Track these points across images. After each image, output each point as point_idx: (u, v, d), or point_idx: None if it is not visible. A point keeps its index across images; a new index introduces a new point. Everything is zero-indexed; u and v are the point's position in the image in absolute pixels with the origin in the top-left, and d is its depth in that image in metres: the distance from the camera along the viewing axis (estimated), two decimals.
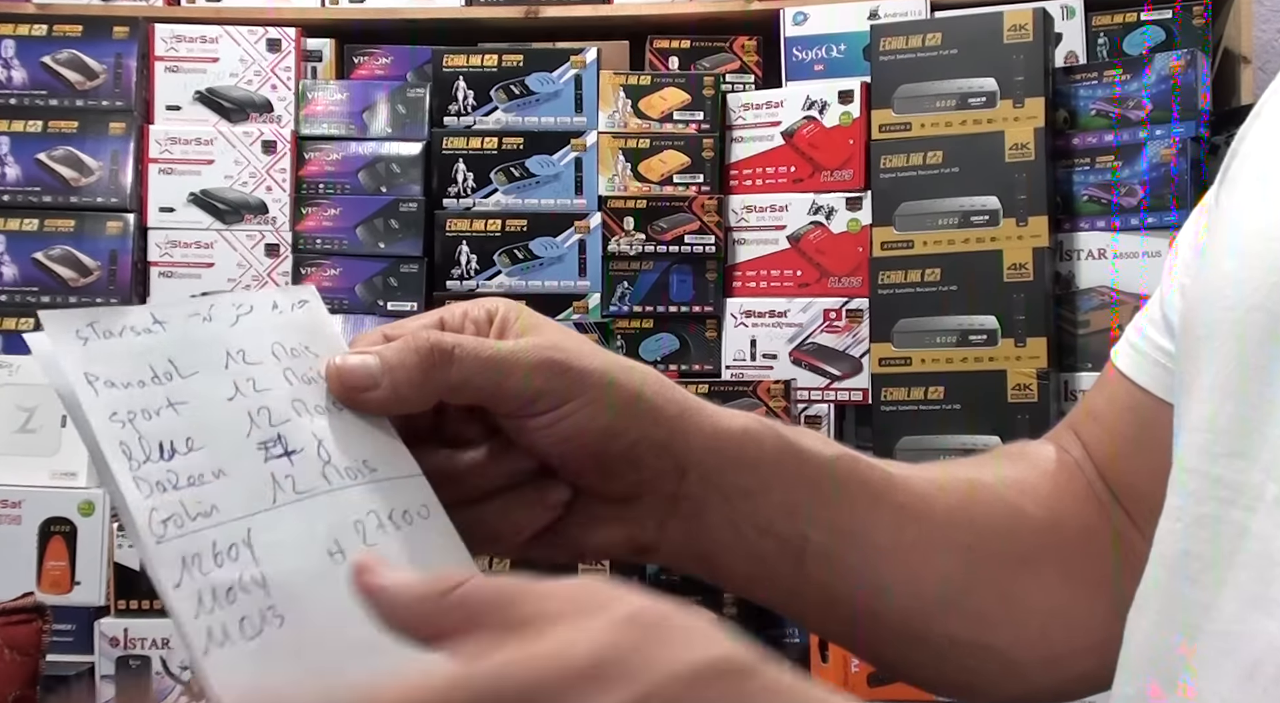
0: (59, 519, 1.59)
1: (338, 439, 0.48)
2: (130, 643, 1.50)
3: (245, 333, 0.50)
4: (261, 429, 0.47)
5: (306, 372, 0.50)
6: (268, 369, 0.50)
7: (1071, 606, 0.60)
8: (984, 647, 0.59)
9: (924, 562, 0.58)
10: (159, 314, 0.49)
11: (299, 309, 0.52)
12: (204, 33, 1.84)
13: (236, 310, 0.51)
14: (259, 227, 1.81)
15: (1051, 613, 0.60)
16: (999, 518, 0.61)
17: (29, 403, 1.63)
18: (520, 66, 1.81)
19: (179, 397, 0.47)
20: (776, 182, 1.76)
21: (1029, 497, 0.62)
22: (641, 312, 1.77)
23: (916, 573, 0.58)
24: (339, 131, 1.84)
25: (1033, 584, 0.60)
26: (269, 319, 0.51)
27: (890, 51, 1.67)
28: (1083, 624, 0.60)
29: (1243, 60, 1.68)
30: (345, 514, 0.47)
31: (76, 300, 1.78)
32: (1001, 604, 0.60)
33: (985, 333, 1.58)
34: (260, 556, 0.45)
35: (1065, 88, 1.64)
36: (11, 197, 1.80)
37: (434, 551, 0.48)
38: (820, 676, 1.51)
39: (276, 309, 0.52)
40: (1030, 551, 0.61)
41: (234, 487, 0.46)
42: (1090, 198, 1.61)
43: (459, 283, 1.79)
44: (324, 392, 0.50)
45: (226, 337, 0.50)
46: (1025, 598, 0.60)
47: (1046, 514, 0.61)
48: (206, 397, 0.47)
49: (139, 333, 0.48)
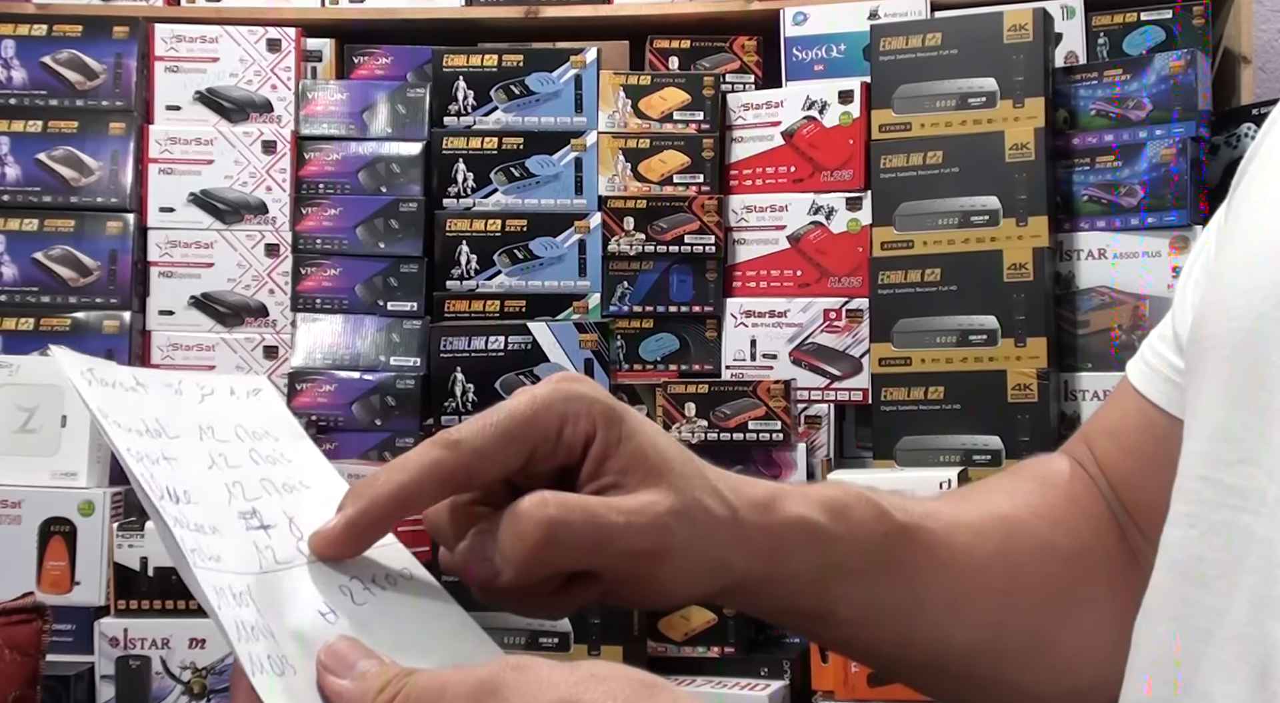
0: (59, 519, 1.59)
1: (306, 517, 0.51)
2: (130, 643, 1.50)
3: (211, 412, 0.54)
4: (239, 501, 0.51)
5: (270, 452, 0.54)
6: (235, 448, 0.53)
7: (1099, 640, 0.61)
8: (1009, 684, 0.61)
9: (958, 614, 0.60)
10: (140, 377, 0.53)
11: (252, 398, 0.56)
12: (204, 33, 1.84)
13: (201, 390, 0.55)
14: (259, 227, 1.81)
15: (1080, 648, 0.61)
16: (1033, 558, 0.62)
17: (29, 403, 1.62)
18: (520, 66, 1.81)
19: (170, 453, 0.50)
20: (776, 181, 1.76)
21: (1060, 530, 0.63)
22: (641, 312, 1.77)
23: (947, 627, 0.59)
24: (339, 131, 1.84)
25: (1064, 622, 0.61)
26: (228, 403, 0.55)
27: (890, 51, 1.67)
28: (1108, 658, 0.59)
29: (1243, 60, 1.68)
30: (330, 580, 0.49)
31: (76, 300, 1.78)
32: (1032, 643, 0.61)
33: (985, 333, 1.58)
34: (263, 610, 0.47)
35: (1065, 88, 1.64)
36: (11, 197, 1.80)
37: (424, 607, 0.51)
38: (820, 676, 1.51)
39: (234, 395, 0.56)
40: (1062, 588, 0.62)
41: (227, 545, 0.48)
42: (1090, 198, 1.61)
43: (459, 283, 1.79)
44: (288, 472, 0.54)
45: (197, 412, 0.53)
46: (1055, 635, 0.61)
47: (1076, 546, 0.62)
48: (191, 461, 0.51)
49: (127, 389, 0.52)
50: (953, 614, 0.59)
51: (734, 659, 1.54)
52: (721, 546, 0.53)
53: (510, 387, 1.72)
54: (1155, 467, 0.59)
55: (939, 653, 0.59)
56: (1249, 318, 0.46)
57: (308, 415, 1.75)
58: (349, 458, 1.74)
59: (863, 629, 0.58)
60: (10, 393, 1.63)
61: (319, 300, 1.81)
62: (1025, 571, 0.61)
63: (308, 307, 1.81)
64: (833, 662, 1.49)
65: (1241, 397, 0.46)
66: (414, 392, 1.76)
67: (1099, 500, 0.63)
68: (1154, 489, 0.58)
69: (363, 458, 1.75)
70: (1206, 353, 0.49)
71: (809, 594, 0.56)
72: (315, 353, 1.80)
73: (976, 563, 0.60)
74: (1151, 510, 0.59)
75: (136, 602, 1.51)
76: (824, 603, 0.57)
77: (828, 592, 0.56)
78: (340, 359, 1.79)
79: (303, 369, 1.79)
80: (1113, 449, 0.63)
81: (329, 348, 1.80)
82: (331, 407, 1.77)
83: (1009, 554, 0.61)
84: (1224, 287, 0.49)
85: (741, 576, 0.54)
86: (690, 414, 1.68)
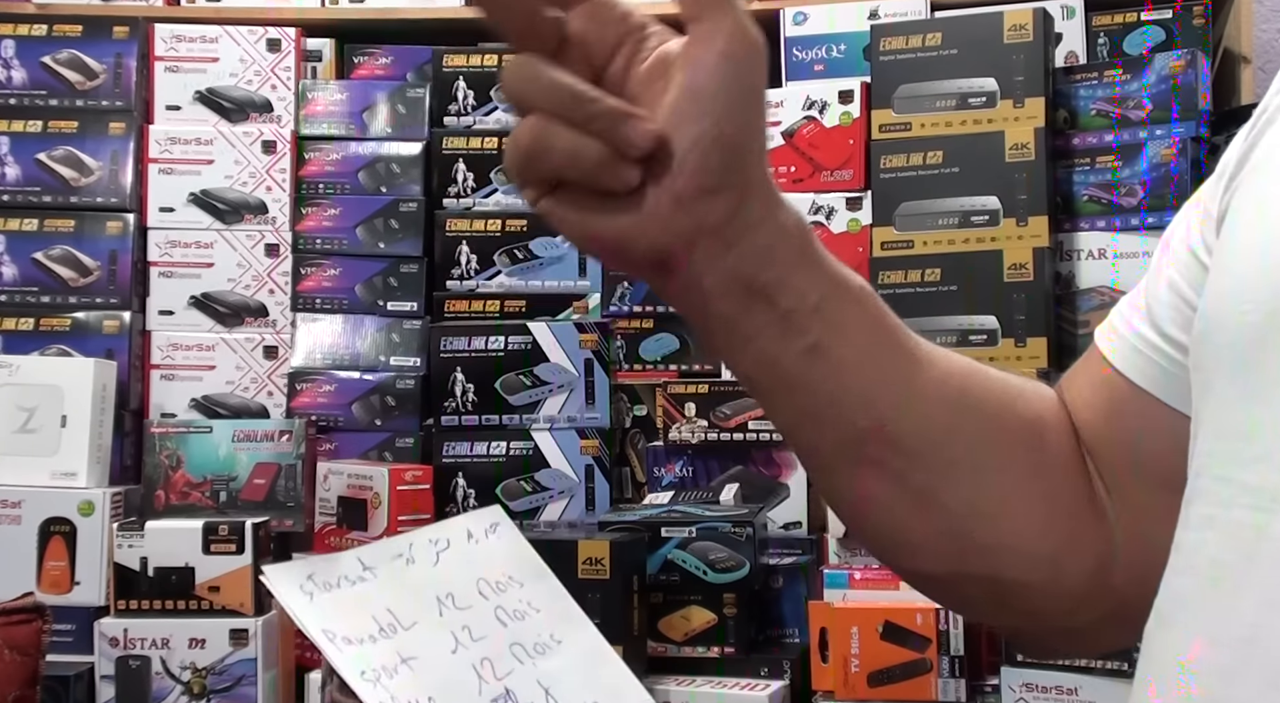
0: (59, 519, 1.59)
1: (565, 684, 0.49)
2: (130, 643, 1.50)
3: (449, 574, 0.52)
4: (490, 684, 0.48)
5: (516, 605, 0.53)
6: (479, 613, 0.52)
7: (1032, 506, 0.61)
8: (937, 503, 0.59)
9: (912, 399, 0.58)
10: (366, 560, 0.51)
11: (492, 535, 0.53)
12: (204, 33, 1.84)
13: (435, 547, 0.52)
14: (259, 227, 1.81)
15: (1011, 502, 0.61)
16: (992, 399, 0.62)
17: (29, 403, 1.63)
18: None
19: (409, 651, 0.48)
20: (776, 181, 1.76)
21: (1022, 401, 0.63)
22: (641, 312, 1.77)
23: (901, 405, 0.58)
24: (339, 131, 1.84)
25: (1003, 467, 0.61)
26: (467, 552, 0.53)
27: (890, 51, 1.67)
28: (1035, 529, 0.61)
29: (1243, 60, 1.68)
30: None
31: (76, 300, 1.78)
32: (968, 469, 0.60)
33: (985, 333, 1.58)
34: None
35: (1065, 88, 1.64)
36: (11, 197, 1.80)
37: None
38: (820, 676, 1.51)
39: (472, 539, 0.53)
40: (1011, 438, 0.61)
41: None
42: (1090, 198, 1.61)
43: (459, 283, 1.79)
44: (538, 629, 0.51)
45: (433, 579, 0.52)
46: (992, 474, 0.60)
47: (1034, 420, 0.63)
48: (432, 651, 0.48)
49: (354, 582, 0.49)
50: (907, 396, 0.58)
51: (734, 659, 1.54)
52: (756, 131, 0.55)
53: (510, 387, 1.73)
54: (1106, 421, 0.62)
55: (892, 442, 0.58)
56: (1260, 313, 0.46)
57: (308, 415, 1.75)
58: (349, 458, 1.74)
59: (829, 370, 0.56)
60: (10, 393, 1.63)
61: (319, 300, 1.81)
62: (979, 403, 0.61)
63: (308, 307, 1.81)
64: (833, 662, 1.49)
65: (1257, 393, 0.45)
66: (414, 392, 1.76)
67: (1067, 418, 0.64)
68: (1106, 442, 0.62)
69: (363, 458, 1.75)
70: (1217, 350, 0.48)
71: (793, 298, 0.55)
72: (315, 353, 1.80)
73: (938, 368, 0.60)
74: (1097, 458, 0.63)
75: (136, 602, 1.51)
76: (805, 311, 0.55)
77: (809, 298, 0.55)
78: (340, 359, 1.79)
79: (303, 369, 1.79)
80: (1076, 399, 0.64)
81: (329, 348, 1.80)
82: (331, 407, 1.77)
83: (968, 383, 0.61)
84: (1232, 278, 0.48)
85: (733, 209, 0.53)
86: (690, 414, 1.68)
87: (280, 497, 1.69)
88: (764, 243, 0.55)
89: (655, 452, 1.73)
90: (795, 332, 0.55)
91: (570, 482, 1.71)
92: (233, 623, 1.50)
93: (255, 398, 1.80)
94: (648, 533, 1.54)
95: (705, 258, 0.54)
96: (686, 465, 1.71)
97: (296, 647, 1.64)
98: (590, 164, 0.51)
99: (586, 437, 1.72)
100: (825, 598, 1.53)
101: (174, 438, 1.71)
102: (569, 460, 1.71)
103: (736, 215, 0.54)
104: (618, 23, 0.53)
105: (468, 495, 1.72)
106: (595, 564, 1.45)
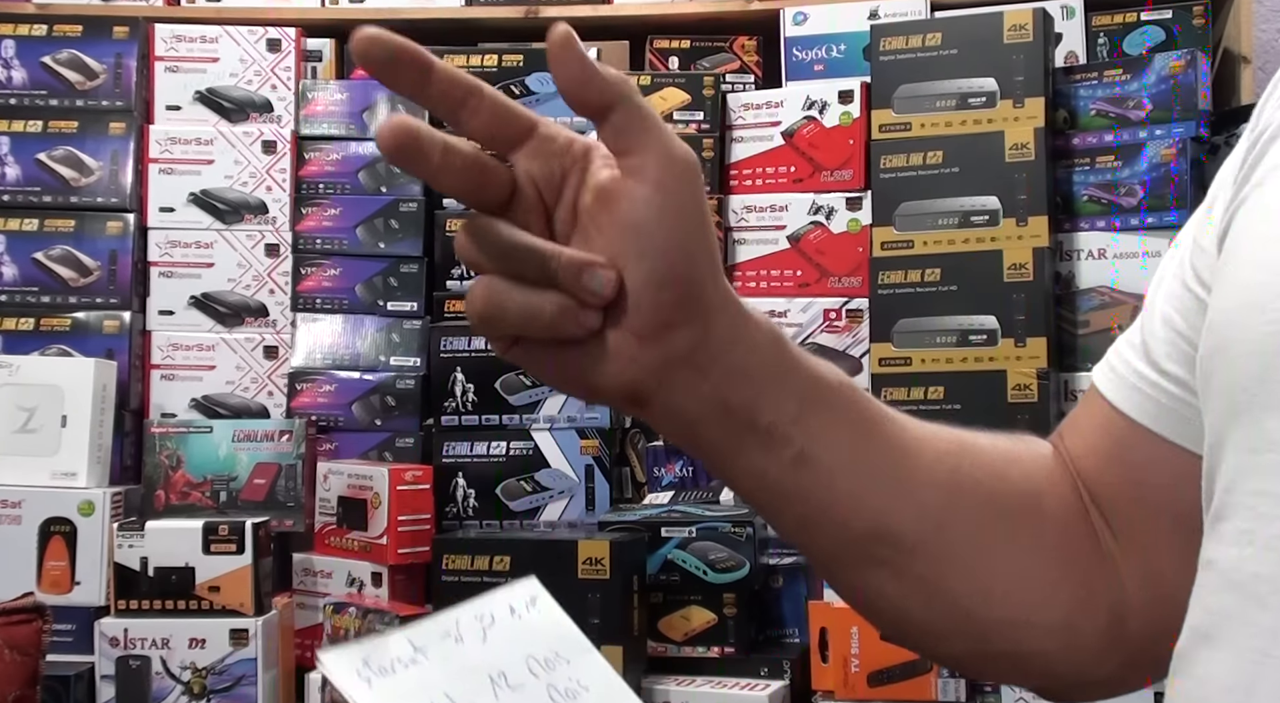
0: (59, 519, 1.59)
1: None
2: (130, 643, 1.50)
3: (499, 651, 0.52)
4: None
5: (566, 684, 0.53)
6: (532, 693, 0.52)
7: (1039, 577, 0.61)
8: (945, 591, 0.60)
9: (905, 492, 0.59)
10: (415, 641, 0.51)
11: (532, 609, 0.54)
12: (204, 33, 1.84)
13: (481, 623, 0.53)
14: (259, 226, 1.82)
15: (1017, 577, 0.61)
16: (985, 474, 0.62)
17: (29, 403, 1.63)
18: (520, 66, 1.81)
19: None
20: (776, 181, 1.76)
21: (1016, 468, 0.63)
22: None
23: (894, 500, 0.59)
24: (339, 131, 1.84)
25: (1005, 542, 0.61)
26: (512, 627, 0.54)
27: (890, 51, 1.67)
28: (1045, 599, 0.61)
29: (1243, 60, 1.68)
30: None
31: (76, 300, 1.78)
32: (970, 551, 0.60)
33: (985, 333, 1.58)
34: None
35: (1065, 88, 1.64)
36: (11, 197, 1.80)
37: None
38: (820, 676, 1.51)
39: (515, 614, 0.54)
40: (1009, 512, 0.61)
41: None
42: (1090, 198, 1.61)
43: (459, 283, 1.79)
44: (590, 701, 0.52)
45: (484, 659, 0.52)
46: (995, 552, 0.61)
47: (1030, 487, 0.62)
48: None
49: (407, 665, 0.50)
50: (902, 492, 0.58)
51: (734, 659, 1.54)
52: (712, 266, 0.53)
53: (510, 387, 1.73)
54: (1108, 462, 0.62)
55: (887, 536, 0.58)
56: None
57: (308, 415, 1.75)
58: (349, 458, 1.75)
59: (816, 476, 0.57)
60: (10, 393, 1.63)
61: (319, 300, 1.81)
62: (974, 482, 0.61)
63: (308, 307, 1.81)
64: (833, 662, 1.49)
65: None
66: (414, 392, 1.76)
67: (1068, 474, 0.63)
68: (1110, 484, 0.62)
69: (363, 458, 1.75)
70: (1237, 361, 0.47)
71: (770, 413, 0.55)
72: (315, 353, 1.80)
73: (927, 454, 0.60)
74: (1112, 506, 0.62)
75: (136, 602, 1.52)
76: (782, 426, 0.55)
77: (785, 413, 0.55)
78: (340, 359, 1.79)
79: (303, 369, 1.79)
80: (1078, 444, 0.64)
81: (329, 348, 1.80)
82: (331, 407, 1.77)
83: (960, 463, 0.61)
84: (1247, 289, 0.47)
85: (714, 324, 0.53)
86: None
87: (280, 497, 1.70)
88: (738, 363, 0.54)
89: (655, 452, 1.73)
90: (779, 444, 0.56)
91: (570, 482, 1.71)
92: (233, 623, 1.50)
93: (255, 398, 1.80)
94: (648, 533, 1.54)
95: (681, 387, 0.54)
96: (686, 465, 1.71)
97: (296, 647, 1.64)
98: (547, 319, 0.51)
99: (586, 437, 1.72)
100: (825, 598, 1.53)
101: (174, 438, 1.71)
102: (569, 460, 1.72)
103: (703, 343, 0.53)
104: (561, 155, 0.53)
105: (468, 496, 1.72)
106: (595, 564, 1.45)
